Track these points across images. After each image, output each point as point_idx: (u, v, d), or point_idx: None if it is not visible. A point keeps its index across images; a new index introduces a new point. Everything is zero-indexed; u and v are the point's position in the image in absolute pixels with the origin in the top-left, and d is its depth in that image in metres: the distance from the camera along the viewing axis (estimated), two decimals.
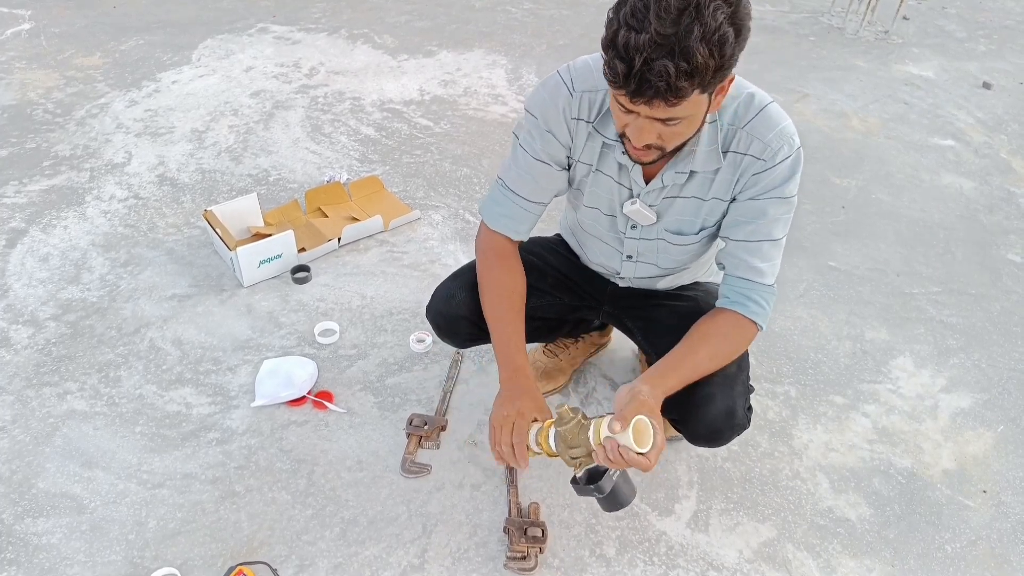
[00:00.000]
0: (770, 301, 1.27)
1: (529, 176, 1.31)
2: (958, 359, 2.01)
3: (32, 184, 2.43)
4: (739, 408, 1.32)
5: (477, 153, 2.76)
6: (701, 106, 1.02)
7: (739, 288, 1.26)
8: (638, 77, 0.93)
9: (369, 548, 1.44)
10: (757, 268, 1.24)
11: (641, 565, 1.45)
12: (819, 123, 3.19)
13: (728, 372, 1.31)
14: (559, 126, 1.24)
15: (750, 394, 1.38)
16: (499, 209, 1.35)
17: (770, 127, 1.16)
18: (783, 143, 1.16)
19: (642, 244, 1.38)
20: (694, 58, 0.91)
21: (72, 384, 1.74)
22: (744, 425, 1.36)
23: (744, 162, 1.18)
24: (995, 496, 1.65)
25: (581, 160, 1.29)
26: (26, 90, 2.99)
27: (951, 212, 2.66)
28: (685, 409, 1.32)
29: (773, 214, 1.21)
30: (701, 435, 1.37)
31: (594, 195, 1.34)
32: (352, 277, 2.12)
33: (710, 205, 1.25)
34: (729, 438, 1.37)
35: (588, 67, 1.21)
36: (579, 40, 3.81)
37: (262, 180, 2.53)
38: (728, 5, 0.92)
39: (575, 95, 1.21)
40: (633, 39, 0.91)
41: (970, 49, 4.15)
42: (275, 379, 1.73)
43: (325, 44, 3.56)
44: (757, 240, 1.23)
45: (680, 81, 0.92)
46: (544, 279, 1.54)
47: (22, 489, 1.51)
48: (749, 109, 1.16)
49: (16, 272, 2.07)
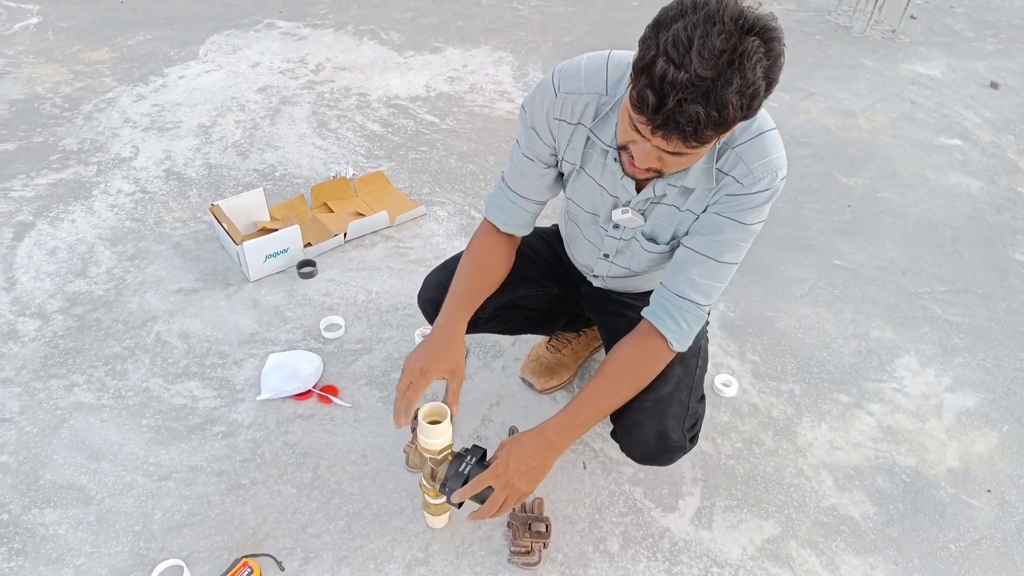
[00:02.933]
0: (692, 322, 1.25)
1: (519, 172, 1.33)
2: (963, 358, 2.01)
3: (40, 178, 2.44)
4: (672, 431, 1.30)
5: (483, 150, 2.76)
6: (710, 146, 1.00)
7: (666, 301, 1.25)
8: (667, 115, 0.90)
9: (374, 541, 1.45)
10: (693, 281, 1.22)
11: (644, 561, 1.45)
12: (825, 122, 3.19)
13: (660, 395, 1.30)
14: (542, 124, 1.24)
15: (693, 413, 1.35)
16: (495, 201, 1.38)
17: (759, 155, 1.12)
18: (766, 174, 1.12)
19: (620, 244, 1.37)
20: (726, 109, 0.88)
21: (79, 376, 1.75)
22: (683, 447, 1.33)
23: (724, 181, 1.15)
24: (999, 495, 1.65)
25: (566, 159, 1.28)
26: (34, 84, 3.00)
27: (958, 211, 2.65)
28: (620, 433, 1.35)
29: (730, 236, 1.18)
30: (638, 458, 1.38)
31: (577, 191, 1.34)
32: (358, 272, 2.12)
33: (683, 216, 1.23)
34: (669, 461, 1.38)
35: (579, 70, 1.18)
36: (585, 37, 3.80)
37: (268, 175, 2.54)
38: (767, 59, 0.89)
39: (559, 96, 1.19)
40: (672, 74, 0.87)
41: (978, 48, 4.13)
42: (281, 373, 1.74)
43: (331, 40, 3.56)
44: (704, 254, 1.21)
45: (707, 130, 0.90)
46: (534, 268, 1.55)
47: (29, 480, 1.52)
48: (746, 131, 1.12)
49: (24, 265, 2.08)
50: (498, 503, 1.20)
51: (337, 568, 1.40)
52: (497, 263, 1.39)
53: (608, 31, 3.90)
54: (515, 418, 1.71)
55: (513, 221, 1.37)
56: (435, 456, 1.27)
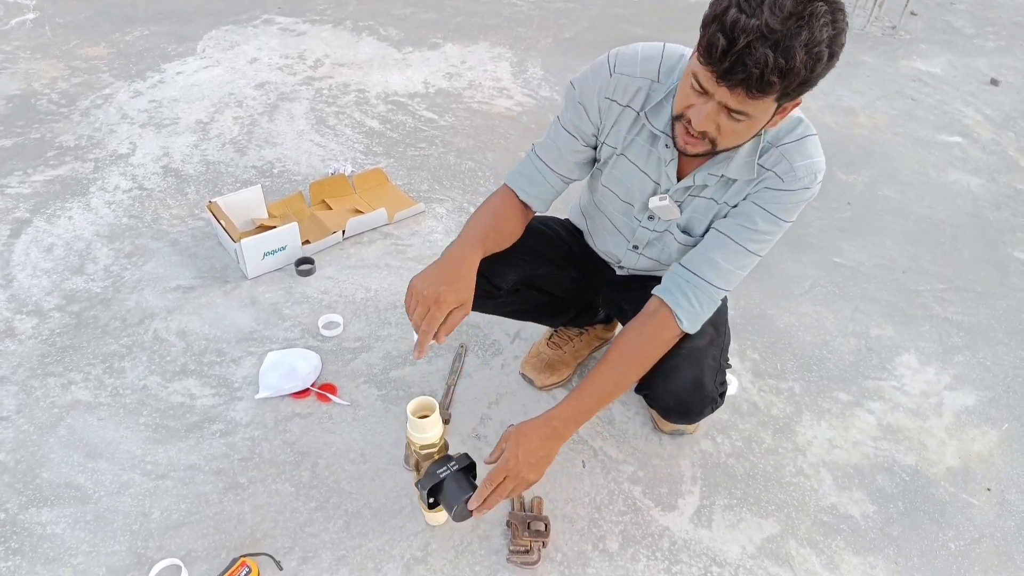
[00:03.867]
0: (705, 304, 1.26)
1: (554, 144, 1.33)
2: (963, 357, 2.00)
3: (36, 174, 2.43)
4: (708, 380, 1.33)
5: (482, 146, 2.75)
6: (767, 112, 1.03)
7: (681, 279, 1.26)
8: (735, 57, 0.93)
9: (373, 540, 1.44)
10: (715, 262, 1.24)
11: (644, 560, 1.45)
12: (826, 119, 3.18)
13: (696, 345, 1.32)
14: (592, 101, 1.25)
15: (724, 370, 1.39)
16: (521, 170, 1.38)
17: (803, 156, 1.17)
18: (807, 174, 1.17)
19: (652, 236, 1.39)
20: (793, 59, 0.92)
21: (76, 374, 1.75)
22: (715, 399, 1.37)
23: (765, 175, 1.19)
24: (999, 494, 1.64)
25: (607, 142, 1.30)
26: (31, 80, 2.98)
27: (958, 209, 2.65)
28: (653, 381, 1.34)
29: (760, 226, 1.21)
30: (670, 408, 1.39)
31: (613, 178, 1.35)
32: (356, 270, 2.12)
33: (720, 209, 1.26)
34: (699, 412, 1.39)
35: (636, 55, 1.22)
36: (585, 33, 3.79)
37: (266, 172, 2.53)
38: (833, 28, 0.94)
39: (613, 76, 1.22)
40: (743, 21, 0.91)
41: (978, 45, 4.12)
42: (279, 371, 1.73)
43: (330, 36, 3.54)
44: (731, 237, 1.23)
45: (772, 75, 0.93)
46: (557, 250, 1.56)
47: (27, 479, 1.51)
48: (792, 133, 1.17)
49: (20, 262, 2.07)
50: (506, 490, 1.21)
51: (336, 567, 1.39)
52: (512, 221, 1.38)
53: (608, 27, 3.89)
54: (514, 416, 1.71)
55: (534, 191, 1.36)
56: (419, 451, 1.29)
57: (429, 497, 1.27)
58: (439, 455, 1.30)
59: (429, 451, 1.29)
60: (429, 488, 1.26)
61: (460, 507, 1.24)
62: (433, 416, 1.27)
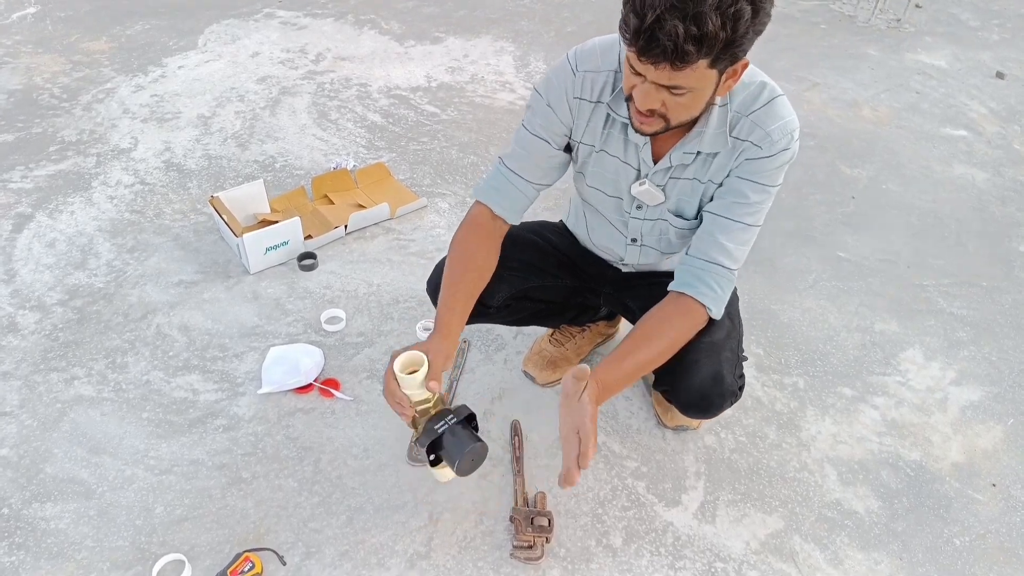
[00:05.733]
0: (725, 286, 1.26)
1: (524, 151, 1.32)
2: (968, 352, 2.00)
3: (38, 169, 2.43)
4: (727, 374, 1.33)
5: (484, 140, 2.74)
6: (707, 81, 1.03)
7: (695, 269, 1.26)
8: (647, 34, 0.94)
9: (375, 536, 1.44)
10: (721, 245, 1.24)
11: (648, 555, 1.45)
12: (829, 112, 3.16)
13: (715, 339, 1.32)
14: (560, 103, 1.26)
15: (741, 363, 1.39)
16: (490, 183, 1.36)
17: (775, 119, 1.17)
18: (783, 136, 1.18)
19: (646, 225, 1.38)
20: (704, 24, 0.92)
21: (79, 370, 1.75)
22: (735, 392, 1.37)
23: (743, 147, 1.19)
24: (1005, 490, 1.64)
25: (583, 141, 1.30)
26: (32, 74, 2.98)
27: (963, 203, 2.63)
28: (672, 377, 1.34)
29: (752, 199, 1.22)
30: (691, 403, 1.38)
31: (597, 175, 1.34)
32: (358, 265, 2.11)
33: (705, 187, 1.27)
34: (720, 406, 1.38)
35: (595, 49, 1.23)
36: (588, 27, 3.77)
37: (268, 167, 2.52)
38: None
39: (577, 75, 1.23)
40: None
41: (984, 38, 4.09)
42: (281, 366, 1.73)
43: (332, 30, 3.53)
44: (728, 217, 1.24)
45: (687, 44, 0.94)
46: (548, 259, 1.55)
47: (30, 474, 1.52)
48: (758, 99, 1.17)
49: (23, 257, 2.07)
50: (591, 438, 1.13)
51: (339, 562, 1.39)
52: (487, 257, 1.35)
53: (611, 21, 3.85)
54: (517, 412, 1.70)
55: (507, 203, 1.35)
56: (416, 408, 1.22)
57: (429, 454, 1.23)
58: (435, 411, 1.24)
59: (424, 407, 1.23)
60: (428, 445, 1.20)
61: (462, 460, 1.19)
62: (422, 371, 1.20)
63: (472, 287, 1.32)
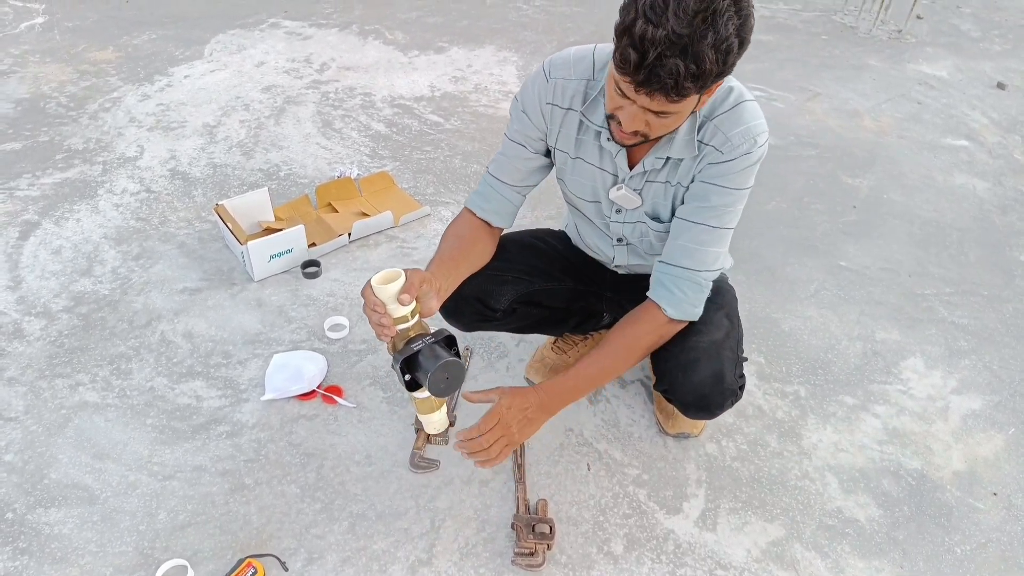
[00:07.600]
0: (685, 287, 1.28)
1: (504, 157, 1.37)
2: (969, 361, 2.00)
3: (45, 177, 2.45)
4: (727, 373, 1.35)
5: (487, 150, 2.75)
6: (692, 103, 1.07)
7: (658, 273, 1.31)
8: (648, 70, 0.97)
9: (377, 542, 1.45)
10: (684, 247, 1.27)
11: (649, 563, 1.45)
12: (831, 122, 3.17)
13: (715, 339, 1.34)
14: (534, 109, 1.30)
15: (742, 363, 1.41)
16: (477, 191, 1.42)
17: (736, 124, 1.19)
18: (744, 141, 1.19)
19: (627, 228, 1.41)
20: (703, 62, 0.96)
21: (84, 376, 1.76)
22: (735, 392, 1.39)
23: (705, 151, 1.22)
24: (1006, 499, 1.64)
25: (559, 148, 1.34)
26: (39, 84, 3.01)
27: (964, 213, 2.64)
28: (673, 377, 1.36)
29: (715, 202, 1.24)
30: (691, 403, 1.39)
31: (576, 183, 1.38)
32: (362, 272, 2.12)
33: (675, 190, 1.29)
34: (720, 405, 1.39)
35: (568, 58, 1.26)
36: (590, 37, 3.79)
37: (273, 175, 2.54)
38: (739, 18, 0.96)
39: (550, 81, 1.27)
40: (651, 32, 0.94)
41: (985, 49, 4.11)
42: (285, 373, 1.74)
43: (336, 40, 3.56)
44: (691, 220, 1.26)
45: (686, 82, 0.97)
46: (552, 263, 1.59)
47: (34, 479, 1.52)
48: (724, 103, 1.20)
49: (29, 264, 2.08)
50: (493, 438, 1.23)
51: (341, 569, 1.40)
52: (478, 242, 1.40)
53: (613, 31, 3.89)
54: None
55: (489, 206, 1.40)
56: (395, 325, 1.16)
57: (404, 374, 1.17)
58: (415, 333, 1.19)
59: (403, 327, 1.17)
60: (402, 361, 1.15)
61: (436, 373, 1.14)
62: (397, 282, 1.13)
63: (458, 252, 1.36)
